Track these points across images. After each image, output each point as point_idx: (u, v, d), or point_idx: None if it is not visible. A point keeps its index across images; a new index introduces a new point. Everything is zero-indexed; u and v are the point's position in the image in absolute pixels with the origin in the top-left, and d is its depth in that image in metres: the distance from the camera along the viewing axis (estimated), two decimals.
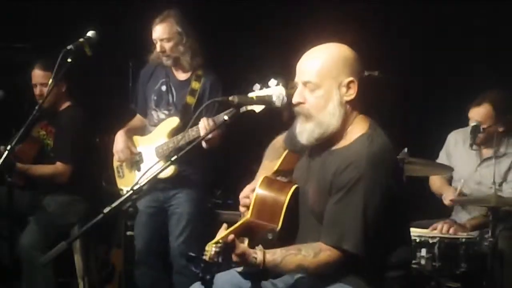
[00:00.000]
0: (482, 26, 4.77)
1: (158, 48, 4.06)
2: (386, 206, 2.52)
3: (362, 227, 2.48)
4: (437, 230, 3.85)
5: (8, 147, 3.34)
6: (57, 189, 4.56)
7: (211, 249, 2.36)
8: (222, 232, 2.56)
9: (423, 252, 3.70)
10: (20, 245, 4.35)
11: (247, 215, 2.70)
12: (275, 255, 2.48)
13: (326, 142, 2.65)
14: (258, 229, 2.58)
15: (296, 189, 2.72)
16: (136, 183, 2.50)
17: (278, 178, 2.81)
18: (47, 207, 4.54)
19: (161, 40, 4.04)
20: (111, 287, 4.93)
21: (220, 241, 2.40)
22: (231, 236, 2.43)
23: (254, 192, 2.75)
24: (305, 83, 2.61)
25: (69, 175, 4.49)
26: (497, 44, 4.74)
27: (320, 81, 2.58)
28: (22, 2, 5.34)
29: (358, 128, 2.62)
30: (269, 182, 2.76)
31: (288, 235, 2.64)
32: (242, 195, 2.86)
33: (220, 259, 2.36)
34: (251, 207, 2.71)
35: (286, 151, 2.98)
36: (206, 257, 2.35)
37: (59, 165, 4.50)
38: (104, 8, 5.26)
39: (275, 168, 2.90)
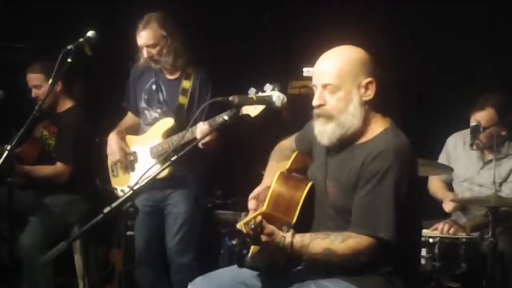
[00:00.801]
0: (482, 26, 4.77)
1: (145, 54, 4.04)
2: (409, 199, 2.57)
3: (394, 215, 2.53)
4: (438, 231, 3.85)
5: (8, 147, 3.34)
6: (58, 189, 4.57)
7: (245, 227, 2.45)
8: (250, 215, 2.62)
9: (423, 252, 3.70)
10: (20, 245, 4.36)
11: (263, 207, 2.71)
12: (303, 237, 2.54)
13: (346, 140, 2.69)
14: (273, 221, 2.59)
15: (312, 186, 2.75)
16: (136, 183, 2.51)
17: (294, 174, 2.83)
18: (47, 207, 4.54)
19: (147, 46, 4.02)
20: (111, 287, 4.93)
21: (252, 219, 2.47)
22: (259, 218, 2.49)
23: (268, 187, 2.77)
24: (324, 86, 2.66)
25: (70, 175, 4.50)
26: (497, 44, 4.74)
27: (340, 83, 2.64)
28: (22, 2, 5.34)
29: (379, 125, 2.69)
30: (285, 177, 2.79)
31: (302, 232, 2.64)
32: (251, 195, 2.88)
33: (250, 236, 2.45)
34: (267, 200, 2.72)
35: (296, 152, 3.00)
36: (244, 230, 2.45)
37: (59, 166, 4.51)
38: (104, 8, 5.26)
39: (287, 166, 2.92)
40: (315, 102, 2.68)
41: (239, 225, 2.47)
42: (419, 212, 2.75)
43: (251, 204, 2.84)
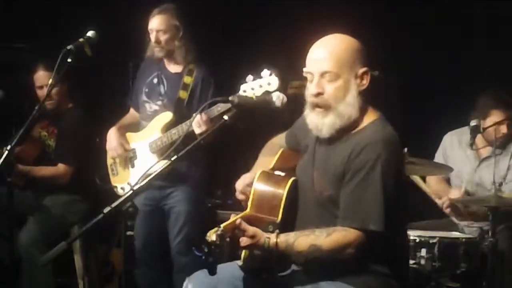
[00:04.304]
0: (482, 26, 4.77)
1: (152, 39, 4.06)
2: (397, 191, 2.54)
3: (384, 206, 2.48)
4: (440, 200, 4.01)
5: (8, 147, 3.34)
6: (58, 189, 4.56)
7: (212, 234, 2.42)
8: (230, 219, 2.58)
9: (423, 252, 3.70)
10: (19, 244, 4.36)
11: (247, 209, 2.70)
12: (288, 236, 2.50)
13: (341, 131, 2.65)
14: (258, 223, 2.58)
15: (294, 182, 2.72)
16: (137, 183, 2.50)
17: (276, 172, 2.81)
18: (47, 207, 4.54)
19: (157, 31, 4.04)
20: (111, 287, 4.93)
21: (221, 226, 2.44)
22: (239, 221, 2.47)
23: (251, 185, 2.74)
24: (322, 74, 2.59)
25: (71, 176, 4.50)
26: (497, 44, 4.74)
27: (339, 71, 2.58)
28: (22, 2, 5.35)
29: (369, 116, 2.64)
30: (266, 176, 2.77)
31: (288, 228, 2.64)
32: (238, 183, 2.85)
33: (224, 242, 2.41)
34: (250, 201, 2.71)
35: (282, 148, 2.97)
36: (208, 239, 2.42)
37: (60, 167, 4.51)
38: (104, 8, 5.26)
39: (271, 165, 2.89)
40: (313, 90, 2.60)
41: (209, 232, 2.43)
42: (406, 207, 2.70)
43: (240, 196, 2.81)
